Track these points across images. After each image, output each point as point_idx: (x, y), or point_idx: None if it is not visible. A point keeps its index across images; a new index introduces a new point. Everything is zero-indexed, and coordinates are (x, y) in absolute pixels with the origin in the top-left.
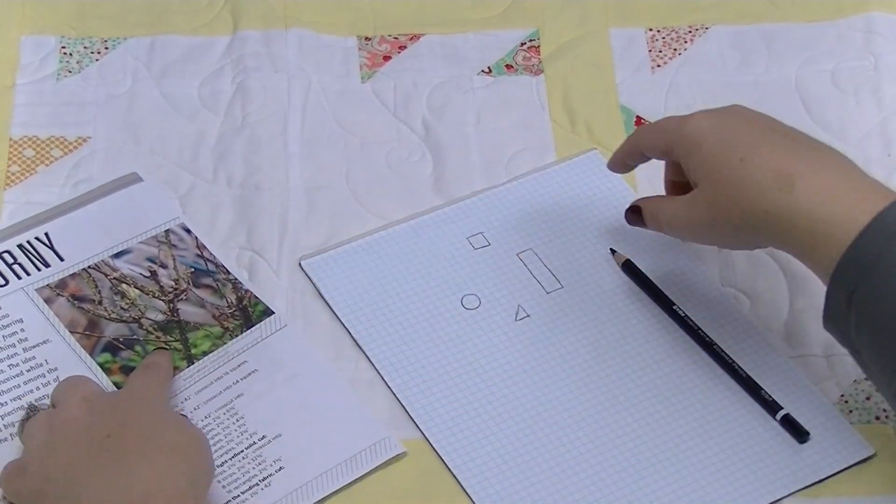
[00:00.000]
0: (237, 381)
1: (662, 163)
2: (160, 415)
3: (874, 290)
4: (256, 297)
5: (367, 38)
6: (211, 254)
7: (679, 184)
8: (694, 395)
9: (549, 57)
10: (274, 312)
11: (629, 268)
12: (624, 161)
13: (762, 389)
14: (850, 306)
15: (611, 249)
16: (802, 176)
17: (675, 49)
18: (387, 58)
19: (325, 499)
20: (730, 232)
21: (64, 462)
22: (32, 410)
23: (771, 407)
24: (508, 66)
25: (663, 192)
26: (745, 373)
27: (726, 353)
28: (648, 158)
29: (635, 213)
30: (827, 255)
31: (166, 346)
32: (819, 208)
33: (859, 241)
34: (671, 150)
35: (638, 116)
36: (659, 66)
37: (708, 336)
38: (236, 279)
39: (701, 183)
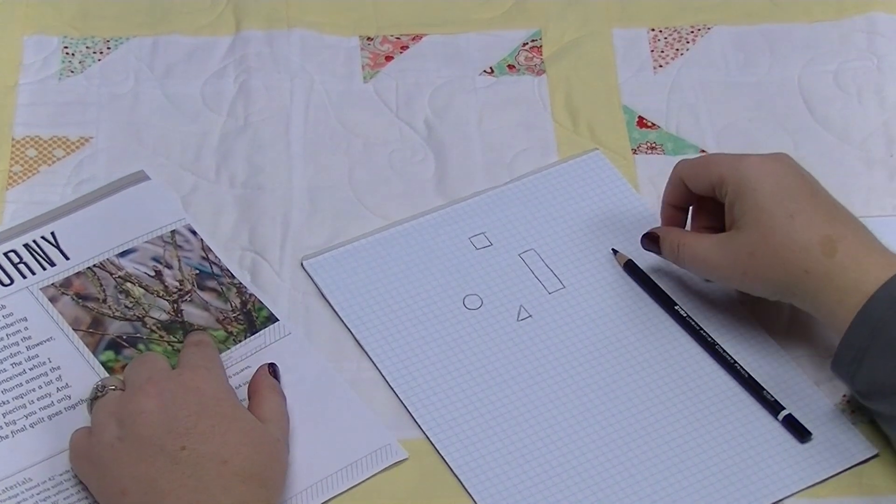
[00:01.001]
0: (239, 386)
1: (666, 163)
2: (230, 419)
3: None
4: (260, 302)
5: (369, 39)
6: (216, 256)
7: (706, 228)
8: (696, 396)
9: (552, 57)
10: (278, 319)
11: (631, 268)
12: (671, 202)
13: (764, 389)
14: (875, 339)
15: (612, 250)
16: (844, 241)
17: (678, 49)
18: (389, 58)
19: (326, 501)
20: (760, 281)
21: (140, 475)
22: (100, 391)
23: (773, 407)
24: (510, 67)
25: (664, 191)
26: (747, 373)
27: (728, 354)
28: (692, 198)
29: (651, 240)
30: (855, 301)
31: (170, 346)
32: (854, 269)
33: (892, 281)
34: (721, 184)
35: (640, 116)
36: (661, 66)
37: (710, 336)
38: (241, 283)
39: (746, 228)
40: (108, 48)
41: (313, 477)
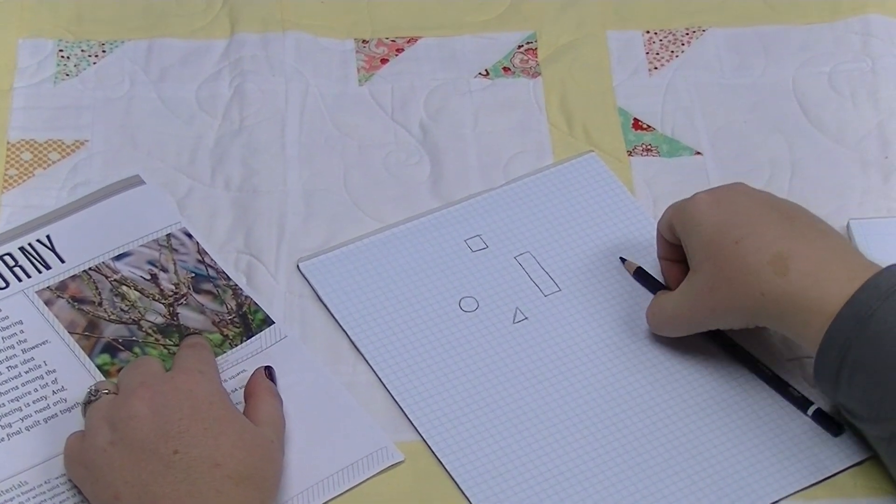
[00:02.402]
0: (236, 390)
1: (661, 165)
2: (223, 423)
3: (871, 341)
4: (256, 305)
5: (364, 41)
6: (212, 259)
7: (675, 265)
8: (690, 398)
9: (547, 59)
10: (274, 322)
11: (641, 275)
12: (663, 256)
13: (790, 386)
14: (844, 361)
15: (621, 258)
16: (796, 257)
17: (672, 51)
18: (384, 60)
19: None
20: (728, 314)
21: (133, 479)
22: (94, 394)
23: (801, 403)
24: (506, 69)
25: (659, 192)
26: (771, 370)
27: (752, 353)
28: (677, 246)
29: None
30: (820, 322)
31: (166, 349)
32: (813, 287)
33: (854, 300)
34: (675, 228)
35: (635, 119)
36: (656, 68)
37: (730, 338)
38: (236, 285)
39: (700, 266)
40: (104, 51)
41: (309, 480)
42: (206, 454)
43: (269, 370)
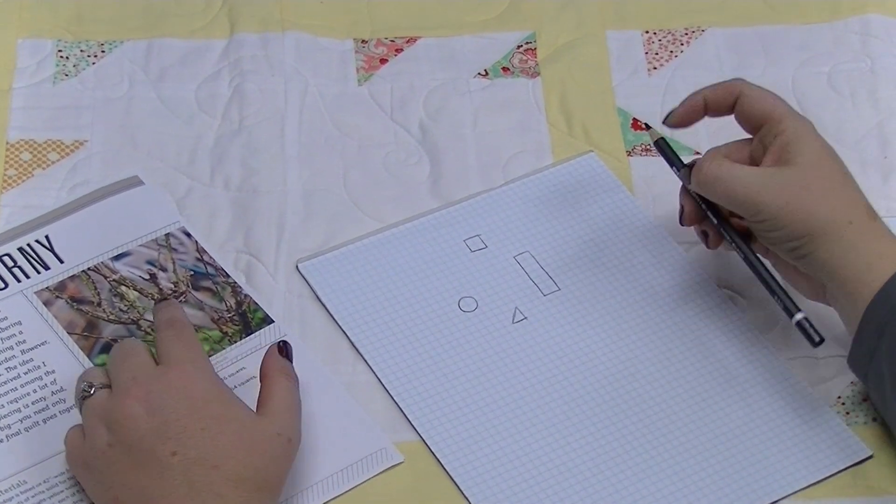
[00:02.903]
0: (235, 387)
1: (660, 165)
2: (222, 421)
3: None
4: (256, 304)
5: (363, 41)
6: (211, 257)
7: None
8: (690, 397)
9: (546, 59)
10: (273, 321)
11: (662, 147)
12: (709, 96)
13: (782, 288)
14: (888, 324)
15: (645, 125)
16: (881, 216)
17: (672, 51)
18: (383, 61)
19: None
20: (800, 216)
21: (131, 481)
22: (87, 391)
23: (790, 307)
24: (505, 69)
25: (659, 192)
26: (770, 273)
27: (753, 252)
28: (719, 112)
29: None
30: (882, 272)
31: None
32: (889, 239)
33: None
34: (781, 121)
35: (634, 119)
36: (655, 68)
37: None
38: (235, 283)
39: (805, 165)
40: (103, 52)
41: (308, 480)
42: (205, 455)
43: (284, 345)
